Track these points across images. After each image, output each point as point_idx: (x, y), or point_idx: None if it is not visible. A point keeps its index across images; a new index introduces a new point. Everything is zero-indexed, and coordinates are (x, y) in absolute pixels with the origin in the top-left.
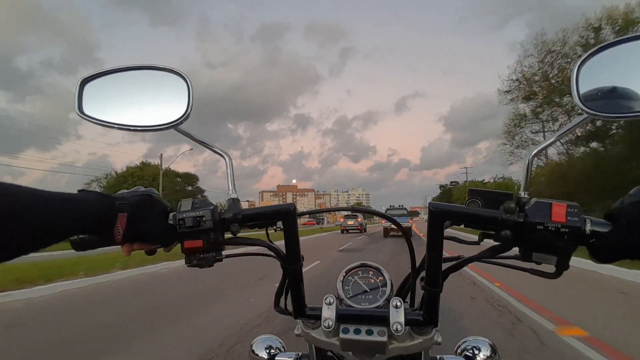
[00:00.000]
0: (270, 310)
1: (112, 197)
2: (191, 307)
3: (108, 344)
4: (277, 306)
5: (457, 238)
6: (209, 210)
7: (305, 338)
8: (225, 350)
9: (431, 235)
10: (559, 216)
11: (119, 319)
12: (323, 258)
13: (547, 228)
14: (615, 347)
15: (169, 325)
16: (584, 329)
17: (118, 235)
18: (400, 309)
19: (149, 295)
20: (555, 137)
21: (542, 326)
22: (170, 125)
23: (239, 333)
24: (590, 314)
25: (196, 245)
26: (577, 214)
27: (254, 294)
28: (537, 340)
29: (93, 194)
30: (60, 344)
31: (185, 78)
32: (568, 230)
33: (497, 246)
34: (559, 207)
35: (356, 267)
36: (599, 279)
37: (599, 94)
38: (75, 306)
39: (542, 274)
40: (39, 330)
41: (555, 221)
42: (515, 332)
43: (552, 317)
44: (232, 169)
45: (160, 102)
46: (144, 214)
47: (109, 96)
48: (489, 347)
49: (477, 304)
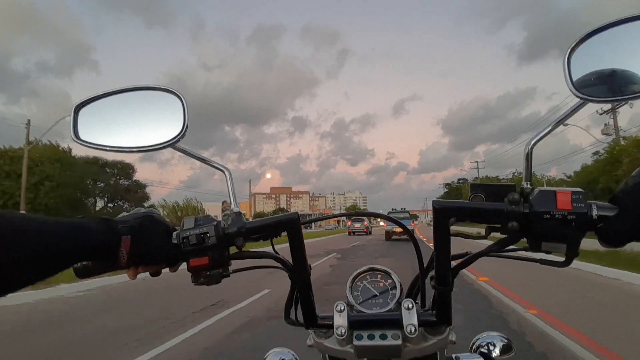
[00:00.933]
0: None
1: (115, 221)
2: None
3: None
4: (287, 318)
5: (464, 234)
6: (212, 226)
7: (318, 348)
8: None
9: (437, 232)
10: (565, 203)
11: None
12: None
13: (554, 216)
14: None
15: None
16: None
17: (123, 259)
18: (413, 310)
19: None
20: (552, 125)
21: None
22: (168, 144)
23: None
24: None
25: (202, 263)
26: (582, 200)
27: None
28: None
29: (95, 220)
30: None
31: (180, 96)
32: (575, 216)
33: (505, 239)
34: (563, 194)
35: (364, 272)
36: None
37: (592, 78)
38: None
39: (552, 263)
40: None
41: (561, 209)
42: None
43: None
44: (233, 182)
45: (156, 122)
46: (147, 235)
47: (104, 120)
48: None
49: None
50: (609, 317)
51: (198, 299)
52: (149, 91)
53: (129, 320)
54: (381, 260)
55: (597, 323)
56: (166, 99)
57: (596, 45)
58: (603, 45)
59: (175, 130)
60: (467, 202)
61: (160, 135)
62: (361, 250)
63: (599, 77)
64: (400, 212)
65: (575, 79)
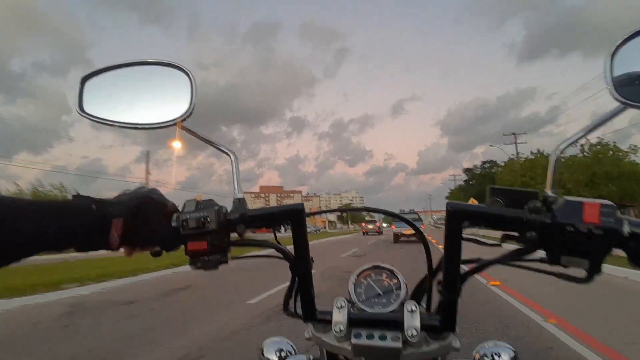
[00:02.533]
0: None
1: (108, 202)
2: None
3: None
4: (286, 309)
5: (477, 239)
6: (213, 211)
7: (316, 342)
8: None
9: (449, 236)
10: (592, 217)
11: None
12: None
13: (579, 230)
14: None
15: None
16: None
17: (114, 242)
18: (416, 313)
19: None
20: (585, 131)
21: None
22: (174, 122)
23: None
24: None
25: (200, 247)
26: (613, 214)
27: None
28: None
29: (86, 201)
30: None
31: (188, 73)
32: (603, 232)
33: (521, 249)
34: (591, 206)
35: (369, 269)
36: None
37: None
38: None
39: (572, 278)
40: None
41: (587, 222)
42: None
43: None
44: (238, 167)
45: (163, 99)
46: (144, 216)
47: (110, 94)
48: (510, 353)
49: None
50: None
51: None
52: (157, 66)
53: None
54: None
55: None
56: (174, 75)
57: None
58: None
59: (182, 108)
60: (484, 206)
61: (166, 113)
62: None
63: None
64: (409, 214)
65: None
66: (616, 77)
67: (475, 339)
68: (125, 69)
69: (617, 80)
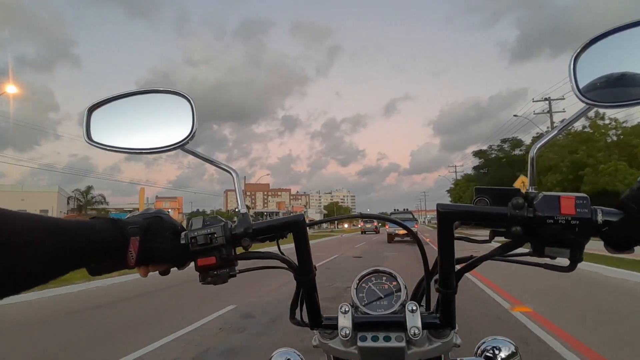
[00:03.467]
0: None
1: (124, 222)
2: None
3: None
4: (292, 318)
5: (468, 238)
6: (219, 227)
7: (323, 349)
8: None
9: (441, 236)
10: (568, 208)
11: None
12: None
13: (557, 221)
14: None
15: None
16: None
17: (131, 259)
18: (417, 313)
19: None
20: (557, 131)
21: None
22: (178, 146)
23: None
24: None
25: (209, 263)
26: (586, 205)
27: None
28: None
29: (104, 221)
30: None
31: (189, 99)
32: (579, 222)
33: (509, 243)
34: (567, 199)
35: (369, 274)
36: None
37: (597, 83)
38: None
39: (556, 268)
40: None
41: (564, 214)
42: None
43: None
44: (240, 184)
45: (166, 124)
46: (155, 235)
47: (115, 122)
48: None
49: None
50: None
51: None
52: (159, 94)
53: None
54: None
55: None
56: (176, 101)
57: (601, 51)
58: (608, 50)
59: (184, 132)
60: (472, 205)
61: (169, 137)
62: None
63: (604, 82)
64: (403, 213)
65: (581, 84)
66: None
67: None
68: (129, 98)
69: (582, 83)
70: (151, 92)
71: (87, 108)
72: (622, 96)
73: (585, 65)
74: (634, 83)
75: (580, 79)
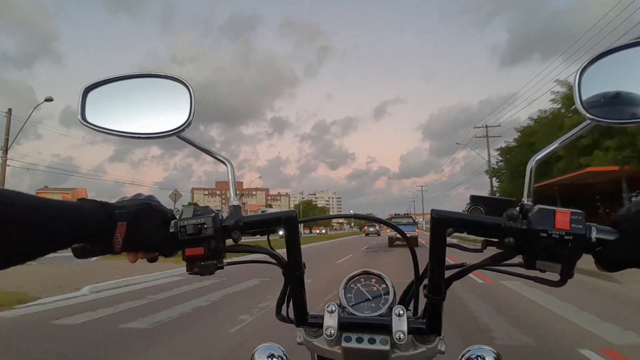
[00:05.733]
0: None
1: (112, 206)
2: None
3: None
4: (278, 314)
5: (460, 245)
6: (210, 218)
7: (307, 346)
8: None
9: (434, 242)
10: (563, 223)
11: None
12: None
13: (551, 235)
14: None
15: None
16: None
17: (117, 244)
18: (403, 317)
19: None
20: (557, 144)
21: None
22: (173, 133)
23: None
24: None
25: (197, 253)
26: (581, 221)
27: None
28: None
29: (92, 203)
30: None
31: (188, 85)
32: (572, 237)
33: (501, 254)
34: (562, 214)
35: (358, 275)
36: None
37: (601, 100)
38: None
39: (546, 282)
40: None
41: (559, 228)
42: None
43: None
44: (234, 176)
45: (163, 110)
46: (144, 222)
47: (111, 104)
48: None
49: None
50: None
51: None
52: (158, 79)
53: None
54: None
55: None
56: (174, 87)
57: (608, 67)
58: (614, 67)
59: (181, 119)
60: (466, 213)
61: (166, 123)
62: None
63: (608, 99)
64: (404, 217)
65: (585, 99)
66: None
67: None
68: (127, 81)
69: (586, 99)
70: (149, 77)
71: (84, 88)
72: (625, 114)
73: (590, 80)
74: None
75: (584, 94)
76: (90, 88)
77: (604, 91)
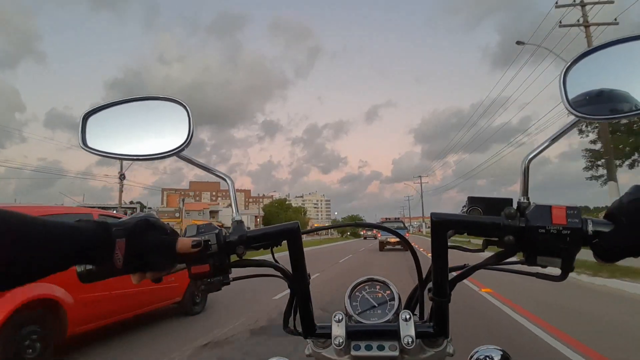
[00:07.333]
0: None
1: (109, 224)
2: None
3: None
4: (286, 327)
5: (462, 247)
6: (214, 234)
7: (316, 358)
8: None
9: (435, 245)
10: (560, 218)
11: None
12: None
13: (549, 231)
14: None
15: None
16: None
17: (118, 262)
18: (410, 322)
19: None
20: (548, 142)
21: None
22: (173, 153)
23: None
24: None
25: (203, 270)
26: (577, 215)
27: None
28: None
29: (90, 223)
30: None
31: (185, 106)
32: (570, 232)
33: (502, 252)
34: (558, 209)
35: (363, 282)
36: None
37: (587, 97)
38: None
39: (548, 277)
40: None
41: (556, 224)
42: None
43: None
44: (235, 191)
45: (162, 131)
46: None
47: (111, 128)
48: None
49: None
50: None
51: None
52: (156, 101)
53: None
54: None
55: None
56: (172, 108)
57: (591, 65)
58: (598, 64)
59: (180, 139)
60: (465, 215)
61: (165, 144)
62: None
63: (593, 96)
64: (394, 222)
65: (571, 97)
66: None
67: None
68: (126, 105)
69: (572, 97)
70: (148, 99)
71: (83, 115)
72: (610, 109)
73: (575, 78)
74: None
75: (570, 92)
76: (89, 114)
77: (587, 88)
